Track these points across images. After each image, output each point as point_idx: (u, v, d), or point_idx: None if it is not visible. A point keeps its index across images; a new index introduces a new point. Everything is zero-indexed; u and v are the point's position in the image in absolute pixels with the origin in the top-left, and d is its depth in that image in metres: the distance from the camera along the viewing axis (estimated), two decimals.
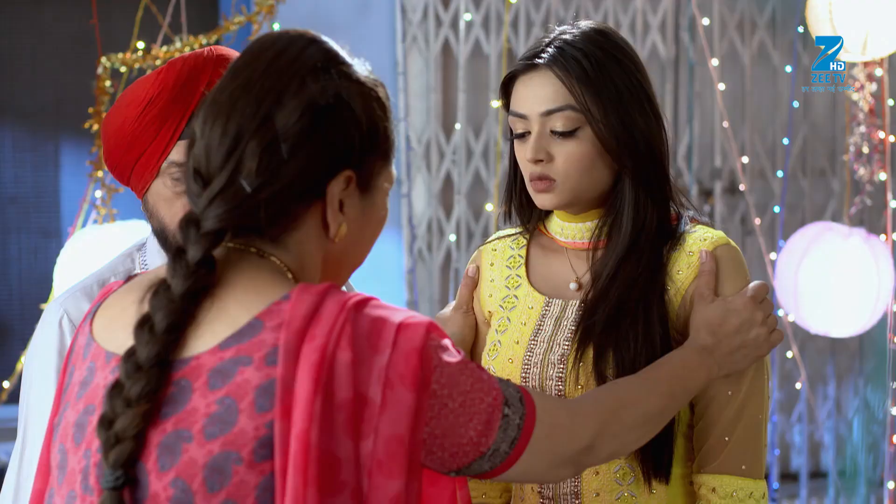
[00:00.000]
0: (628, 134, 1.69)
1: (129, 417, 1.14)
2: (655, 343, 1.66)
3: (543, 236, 1.85)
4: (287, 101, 1.22)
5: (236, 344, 1.16)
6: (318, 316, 1.16)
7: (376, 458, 1.15)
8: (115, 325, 1.25)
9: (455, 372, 1.22)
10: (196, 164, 1.23)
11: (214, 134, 1.22)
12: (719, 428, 1.68)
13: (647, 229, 1.72)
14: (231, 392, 1.14)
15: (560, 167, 1.71)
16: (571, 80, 1.69)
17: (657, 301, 1.69)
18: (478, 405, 1.23)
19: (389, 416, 1.15)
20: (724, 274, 1.70)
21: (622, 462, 1.70)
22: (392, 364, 1.16)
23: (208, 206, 1.19)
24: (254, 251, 1.23)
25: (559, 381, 1.71)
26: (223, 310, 1.19)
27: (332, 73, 1.25)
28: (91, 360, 1.25)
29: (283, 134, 1.21)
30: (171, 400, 1.16)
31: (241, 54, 1.28)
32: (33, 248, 4.92)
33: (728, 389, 1.68)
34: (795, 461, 5.17)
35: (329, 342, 1.14)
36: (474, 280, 1.87)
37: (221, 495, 1.12)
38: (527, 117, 1.72)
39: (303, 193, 1.23)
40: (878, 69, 3.79)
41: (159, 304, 1.17)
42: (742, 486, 1.68)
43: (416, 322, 1.20)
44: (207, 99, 1.25)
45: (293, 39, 1.27)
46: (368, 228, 1.32)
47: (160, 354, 1.15)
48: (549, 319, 1.76)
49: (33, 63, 4.90)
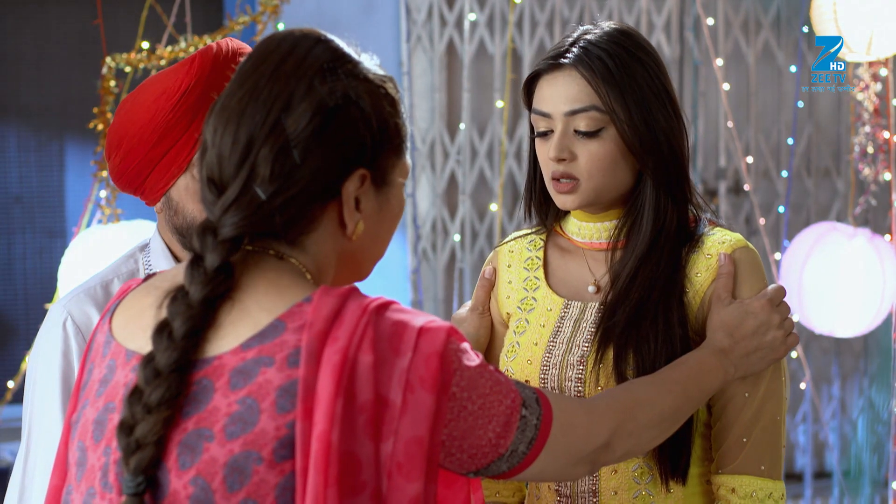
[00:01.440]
0: (651, 134, 1.70)
1: (149, 423, 1.15)
2: (675, 344, 1.67)
3: (560, 237, 1.85)
4: (296, 104, 1.22)
5: (258, 345, 1.17)
6: (340, 318, 1.17)
7: (396, 460, 1.16)
8: (134, 325, 1.26)
9: (474, 375, 1.23)
10: (209, 172, 1.24)
11: (226, 142, 1.22)
12: (737, 429, 1.69)
13: (666, 230, 1.72)
14: (252, 392, 1.15)
15: (583, 167, 1.71)
16: (597, 80, 1.69)
17: (677, 302, 1.70)
18: (496, 408, 1.25)
19: (410, 418, 1.16)
20: (742, 276, 1.70)
21: (640, 461, 1.70)
22: (413, 367, 1.17)
23: (224, 214, 1.20)
24: (272, 254, 1.24)
25: (578, 383, 1.71)
26: (245, 311, 1.19)
27: (339, 73, 1.25)
28: (111, 358, 1.25)
29: (294, 138, 1.21)
30: (193, 399, 1.17)
31: (248, 57, 1.28)
32: (38, 248, 4.93)
33: (745, 391, 1.68)
34: (800, 461, 5.17)
35: (351, 344, 1.16)
36: (491, 281, 1.88)
37: (241, 494, 1.13)
38: (550, 116, 1.73)
39: (318, 195, 1.24)
40: (883, 69, 3.78)
41: (178, 310, 1.18)
42: (762, 486, 1.68)
43: (437, 326, 1.21)
44: (216, 106, 1.25)
45: (298, 40, 1.27)
46: (386, 222, 1.33)
47: (179, 360, 1.16)
48: (568, 321, 1.77)
49: (38, 63, 4.91)
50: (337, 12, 4.72)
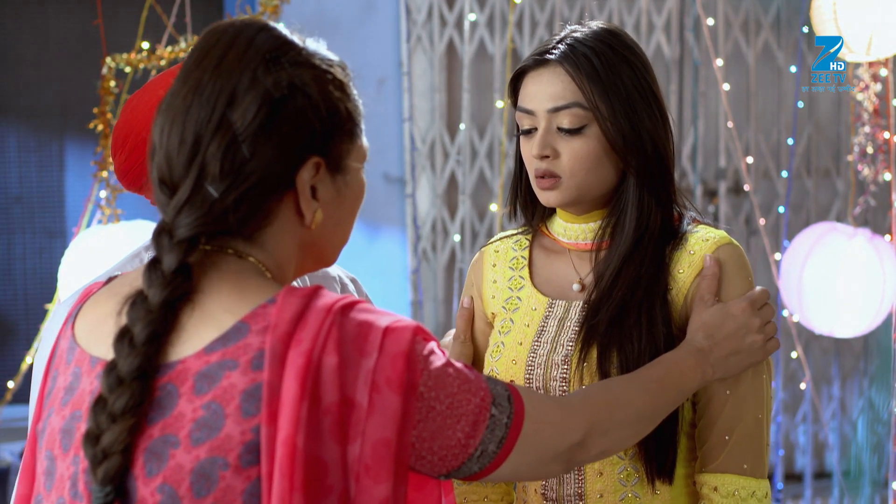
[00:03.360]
0: (635, 134, 1.70)
1: (114, 432, 1.13)
2: (659, 342, 1.67)
3: (546, 237, 1.85)
4: (241, 98, 1.19)
5: (222, 347, 1.15)
6: (304, 320, 1.15)
7: (364, 463, 1.15)
8: (97, 331, 1.23)
9: (442, 374, 1.22)
10: (160, 173, 1.21)
11: (173, 141, 1.20)
12: (719, 427, 1.69)
13: (650, 229, 1.72)
14: (217, 397, 1.13)
15: (566, 164, 1.71)
16: (581, 76, 1.69)
17: (660, 301, 1.69)
18: (465, 406, 1.23)
19: (376, 419, 1.15)
20: (728, 275, 1.70)
21: (626, 463, 1.70)
22: (379, 368, 1.16)
23: (178, 215, 1.18)
24: (231, 252, 1.22)
25: (563, 382, 1.71)
26: (207, 313, 1.17)
27: (283, 62, 1.22)
28: (76, 365, 1.23)
29: (241, 133, 1.19)
30: (158, 405, 1.15)
31: (191, 53, 1.25)
32: (38, 249, 4.93)
33: (726, 389, 1.68)
34: (800, 461, 5.17)
35: (315, 346, 1.14)
36: (470, 311, 1.87)
37: (208, 500, 1.12)
38: (534, 113, 1.73)
39: (272, 188, 1.21)
40: (883, 69, 3.78)
41: (137, 315, 1.16)
42: (744, 485, 1.68)
43: (402, 326, 1.19)
44: (162, 105, 1.23)
45: (240, 30, 1.24)
46: (346, 207, 1.30)
47: (141, 367, 1.14)
48: (553, 320, 1.76)
49: (38, 63, 4.91)
50: (337, 12, 4.72)
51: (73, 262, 3.30)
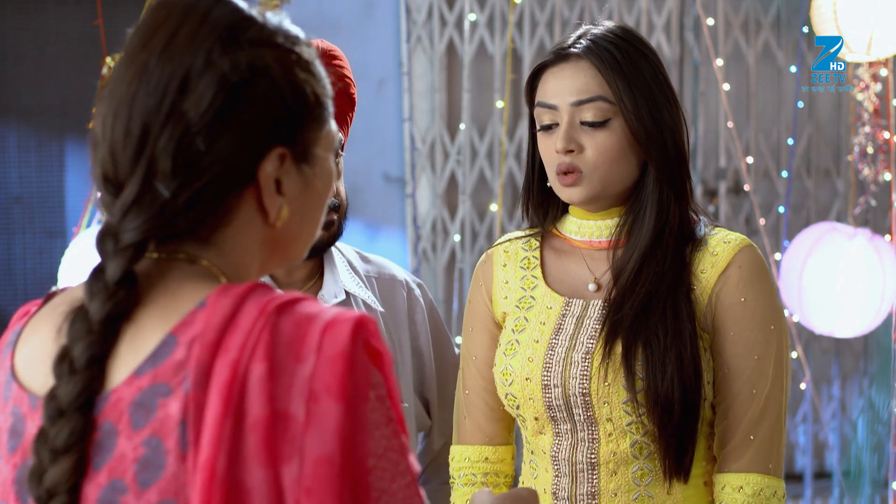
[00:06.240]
0: (657, 127, 1.71)
1: (58, 470, 0.99)
2: (685, 339, 1.66)
3: (556, 238, 1.84)
4: (194, 84, 1.03)
5: (152, 368, 0.99)
6: (234, 324, 0.99)
7: (304, 485, 0.95)
8: (37, 362, 1.06)
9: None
10: (103, 169, 1.06)
11: (118, 134, 1.04)
12: (744, 427, 1.68)
13: (669, 227, 1.72)
14: (156, 430, 0.98)
15: (590, 158, 1.71)
16: (606, 69, 1.70)
17: (685, 298, 1.69)
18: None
19: (315, 433, 0.96)
20: (749, 279, 1.70)
21: (641, 462, 1.70)
22: (317, 373, 0.97)
23: (124, 218, 1.03)
24: (182, 257, 1.06)
25: (583, 379, 1.70)
26: (138, 329, 1.02)
27: (241, 42, 1.05)
28: (14, 405, 1.06)
29: (195, 124, 1.03)
30: (100, 447, 0.99)
31: (135, 31, 1.09)
32: (38, 249, 4.93)
33: (752, 388, 1.68)
34: (800, 461, 5.17)
35: (243, 354, 0.97)
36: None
37: None
38: (556, 108, 1.73)
39: (231, 184, 1.05)
40: (883, 69, 3.78)
41: (77, 333, 1.00)
42: (768, 484, 1.68)
43: (342, 319, 0.99)
44: (104, 92, 1.07)
45: (191, 4, 1.07)
46: (313, 200, 1.13)
47: (82, 393, 0.99)
48: (570, 318, 1.76)
49: (38, 63, 4.91)
50: (337, 12, 4.72)
51: (73, 263, 3.30)
